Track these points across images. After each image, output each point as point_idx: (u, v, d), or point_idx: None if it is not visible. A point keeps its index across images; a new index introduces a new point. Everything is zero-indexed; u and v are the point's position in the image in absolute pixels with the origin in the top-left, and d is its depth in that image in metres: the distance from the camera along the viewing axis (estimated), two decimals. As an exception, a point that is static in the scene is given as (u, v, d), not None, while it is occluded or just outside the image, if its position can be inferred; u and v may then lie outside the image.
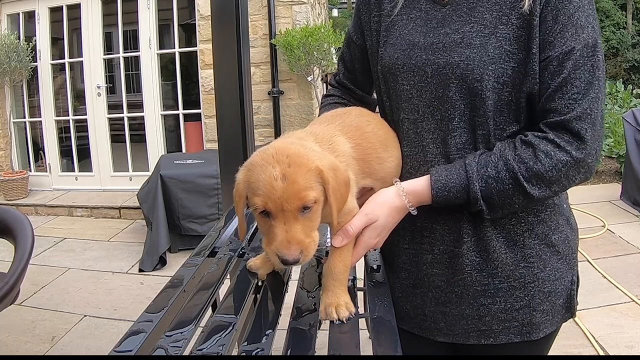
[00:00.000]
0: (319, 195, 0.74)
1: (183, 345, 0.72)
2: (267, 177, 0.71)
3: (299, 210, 0.72)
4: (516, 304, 0.94)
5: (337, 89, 1.16)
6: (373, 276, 1.00)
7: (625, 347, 2.32)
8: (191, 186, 3.79)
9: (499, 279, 0.93)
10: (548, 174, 0.82)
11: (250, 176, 0.74)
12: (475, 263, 0.93)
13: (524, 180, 0.83)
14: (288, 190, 0.71)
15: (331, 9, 14.51)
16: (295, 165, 0.72)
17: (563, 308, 0.97)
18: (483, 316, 0.94)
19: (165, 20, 5.17)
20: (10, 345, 2.59)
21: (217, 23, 1.83)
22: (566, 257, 0.96)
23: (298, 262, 0.72)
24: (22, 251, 1.92)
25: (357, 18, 1.07)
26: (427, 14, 0.94)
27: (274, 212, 0.72)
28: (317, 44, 4.45)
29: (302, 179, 0.72)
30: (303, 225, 0.73)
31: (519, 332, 0.94)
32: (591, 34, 0.84)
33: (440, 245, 0.95)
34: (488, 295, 0.94)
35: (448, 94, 0.89)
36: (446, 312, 0.97)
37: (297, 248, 0.71)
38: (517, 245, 0.92)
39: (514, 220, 0.92)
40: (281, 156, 0.73)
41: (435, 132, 0.92)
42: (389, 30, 0.98)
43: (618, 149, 5.29)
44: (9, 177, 5.12)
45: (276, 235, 0.72)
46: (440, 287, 0.97)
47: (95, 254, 3.90)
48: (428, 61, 0.90)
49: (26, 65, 5.12)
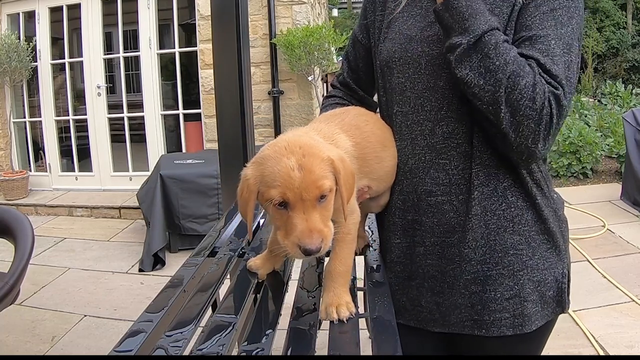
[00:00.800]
0: (333, 185, 0.74)
1: (183, 345, 0.72)
2: (284, 168, 0.71)
3: (317, 199, 0.72)
4: (506, 293, 0.95)
5: (338, 89, 1.19)
6: (373, 276, 1.00)
7: (625, 347, 2.32)
8: (191, 186, 3.79)
9: (487, 266, 0.94)
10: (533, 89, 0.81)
11: (264, 170, 0.74)
12: (464, 253, 0.95)
13: (515, 74, 0.81)
14: (306, 180, 0.71)
15: (331, 9, 14.50)
16: (309, 156, 0.73)
17: (554, 301, 0.98)
18: (475, 304, 0.96)
19: (165, 20, 5.17)
20: (10, 345, 2.59)
21: (217, 23, 1.83)
22: (555, 248, 0.97)
23: (320, 251, 0.72)
24: (22, 251, 1.92)
25: (363, 18, 1.11)
26: (426, 10, 0.97)
27: (293, 202, 0.72)
28: (317, 43, 4.45)
29: (318, 168, 0.72)
30: (320, 215, 0.73)
31: (511, 324, 0.95)
32: (569, 34, 0.85)
33: (431, 238, 0.97)
34: (478, 283, 0.95)
35: (439, 84, 0.92)
36: (440, 302, 0.98)
37: (318, 237, 0.71)
38: (506, 231, 0.94)
39: (503, 205, 0.93)
40: (294, 147, 0.73)
41: (423, 124, 0.95)
42: (389, 27, 1.02)
43: (618, 149, 5.29)
44: (9, 177, 5.12)
45: (296, 225, 0.72)
46: (435, 276, 0.98)
47: (95, 254, 3.90)
48: (423, 53, 0.94)
49: (26, 65, 5.12)
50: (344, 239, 0.85)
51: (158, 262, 3.59)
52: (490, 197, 0.93)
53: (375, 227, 1.17)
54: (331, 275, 0.84)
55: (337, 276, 0.83)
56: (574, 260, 2.13)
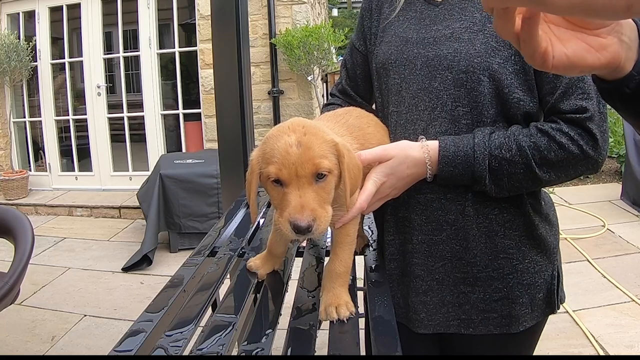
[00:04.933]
0: (333, 167, 0.72)
1: (183, 345, 0.72)
2: (283, 144, 0.70)
3: (313, 176, 0.71)
4: (495, 294, 0.95)
5: (337, 97, 1.20)
6: (373, 276, 1.00)
7: (625, 347, 2.32)
8: (191, 186, 3.80)
9: (477, 267, 0.95)
10: (559, 164, 0.87)
11: (265, 148, 0.73)
12: (455, 251, 0.95)
13: (536, 167, 0.87)
14: (303, 156, 0.70)
15: (331, 8, 14.49)
16: (310, 134, 0.72)
17: (544, 302, 0.99)
18: (463, 304, 0.96)
19: (165, 20, 5.17)
20: (10, 345, 2.59)
21: (217, 23, 1.83)
22: (546, 251, 0.98)
23: (311, 230, 0.69)
24: (22, 251, 1.92)
25: (360, 25, 1.12)
26: (421, 13, 0.99)
27: (288, 179, 0.70)
28: (317, 43, 4.45)
29: (318, 147, 0.71)
30: (317, 194, 0.71)
31: (498, 323, 0.96)
32: None
33: (418, 235, 0.98)
34: (467, 284, 0.96)
35: (433, 85, 0.93)
36: (427, 301, 0.99)
37: (309, 214, 0.69)
38: (497, 235, 0.94)
39: (496, 210, 0.94)
40: (297, 127, 0.73)
41: (417, 123, 0.96)
42: (385, 31, 1.04)
43: (618, 149, 5.29)
44: (9, 177, 5.12)
45: (289, 202, 0.70)
46: (420, 276, 0.99)
47: (95, 253, 3.90)
48: (419, 54, 0.95)
49: (26, 65, 5.12)
50: (344, 240, 0.85)
51: (144, 261, 3.59)
52: (484, 200, 0.93)
53: (375, 227, 1.17)
54: (330, 276, 0.84)
55: (336, 277, 0.83)
56: (574, 260, 2.13)
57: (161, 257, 3.76)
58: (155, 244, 3.65)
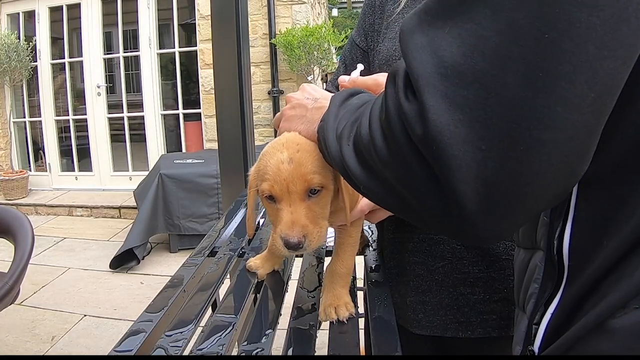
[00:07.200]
0: (326, 182, 0.72)
1: (183, 345, 0.72)
2: (275, 161, 0.70)
3: (305, 192, 0.70)
4: (495, 295, 0.94)
5: (333, 92, 1.18)
6: (372, 276, 1.00)
7: (625, 347, 2.32)
8: (191, 186, 3.80)
9: (479, 267, 0.94)
10: None
11: (260, 164, 0.73)
12: (456, 250, 0.94)
13: None
14: (294, 172, 0.69)
15: (331, 8, 14.49)
16: (304, 151, 0.71)
17: None
18: (462, 306, 0.95)
19: (165, 20, 5.17)
20: (10, 345, 2.59)
21: (217, 23, 1.83)
22: None
23: (301, 246, 0.69)
24: (22, 251, 1.92)
25: (361, 21, 1.12)
26: None
27: (280, 195, 0.70)
28: (317, 43, 4.46)
29: (310, 163, 0.70)
30: (309, 210, 0.71)
31: (497, 325, 0.95)
32: None
33: (420, 233, 0.97)
34: (468, 284, 0.95)
35: None
36: (426, 301, 0.98)
37: (299, 230, 0.69)
38: None
39: None
40: (292, 144, 0.72)
41: None
42: (388, 28, 1.03)
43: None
44: (9, 177, 5.12)
45: (281, 218, 0.70)
46: (420, 275, 0.98)
47: (95, 253, 3.90)
48: None
49: (26, 65, 5.12)
50: (346, 241, 0.85)
51: (133, 259, 3.58)
52: None
53: (375, 227, 1.17)
54: (332, 276, 0.84)
55: (337, 278, 0.83)
56: (573, 260, 2.08)
57: (161, 257, 3.76)
58: (143, 241, 3.63)
